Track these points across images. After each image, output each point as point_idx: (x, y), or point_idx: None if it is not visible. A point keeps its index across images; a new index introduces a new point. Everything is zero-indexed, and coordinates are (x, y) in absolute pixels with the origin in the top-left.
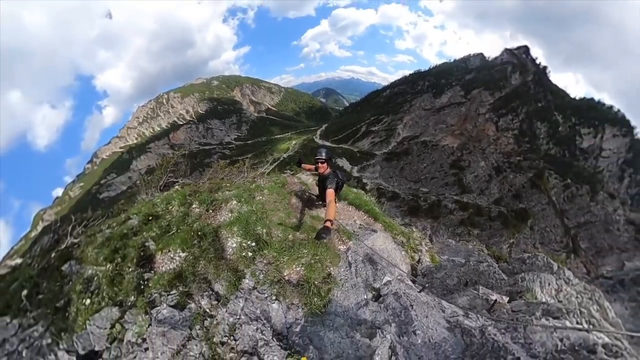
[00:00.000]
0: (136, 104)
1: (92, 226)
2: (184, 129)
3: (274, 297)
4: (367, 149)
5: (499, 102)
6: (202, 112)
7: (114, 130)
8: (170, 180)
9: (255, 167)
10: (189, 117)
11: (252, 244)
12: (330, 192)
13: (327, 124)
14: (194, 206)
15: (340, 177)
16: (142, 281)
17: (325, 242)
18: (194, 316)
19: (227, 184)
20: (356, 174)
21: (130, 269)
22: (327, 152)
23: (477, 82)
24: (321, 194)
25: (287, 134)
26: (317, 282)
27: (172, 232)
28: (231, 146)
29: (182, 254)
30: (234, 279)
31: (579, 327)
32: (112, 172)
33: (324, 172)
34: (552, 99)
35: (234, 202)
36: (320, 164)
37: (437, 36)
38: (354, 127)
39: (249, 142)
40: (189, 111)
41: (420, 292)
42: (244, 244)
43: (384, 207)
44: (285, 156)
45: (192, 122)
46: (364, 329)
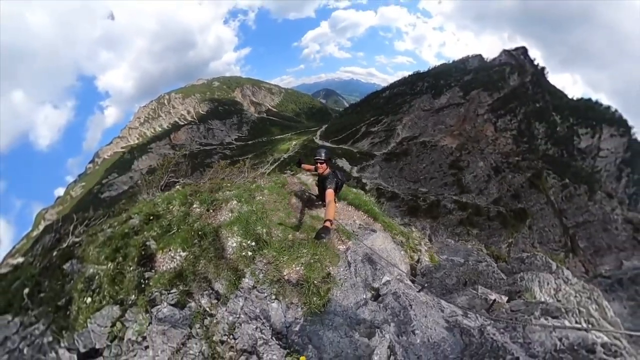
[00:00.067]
0: (138, 104)
1: (93, 225)
2: (185, 130)
3: (274, 297)
4: (366, 150)
5: (498, 102)
6: (203, 112)
7: (115, 130)
8: (171, 180)
9: (255, 167)
10: (190, 117)
11: (252, 243)
12: (329, 192)
13: (327, 125)
14: (194, 206)
15: (339, 178)
16: (142, 280)
17: (324, 241)
18: (194, 315)
19: (228, 184)
20: (356, 174)
21: (131, 268)
22: (326, 153)
23: (476, 83)
24: (321, 194)
25: (287, 135)
26: (316, 282)
27: (173, 231)
28: (232, 146)
29: (183, 253)
30: (234, 278)
31: (578, 326)
32: (113, 171)
33: (323, 172)
34: (550, 99)
35: (235, 202)
36: (319, 164)
37: (436, 37)
38: (354, 128)
39: (250, 142)
40: (190, 112)
41: (419, 291)
42: (244, 244)
43: (384, 207)
44: (285, 156)
45: (193, 123)
46: (363, 328)
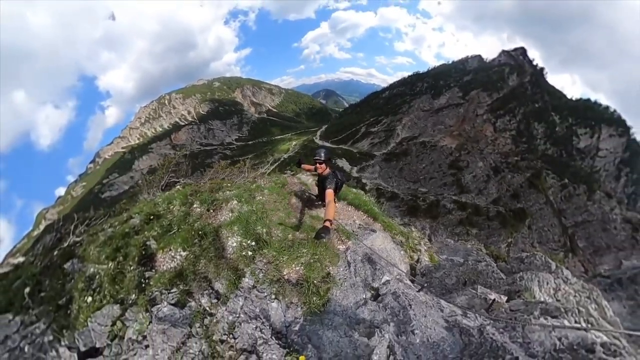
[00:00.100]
0: (138, 104)
1: (94, 225)
2: (186, 130)
3: (274, 296)
4: (366, 150)
5: (497, 103)
6: (203, 113)
7: (116, 130)
8: (171, 180)
9: (255, 167)
10: (190, 117)
11: (252, 243)
12: (329, 192)
13: (327, 125)
14: (195, 206)
15: (339, 178)
16: (143, 279)
17: (324, 241)
18: (194, 314)
19: (228, 184)
20: (356, 175)
21: (131, 268)
22: (325, 153)
23: (475, 84)
24: (321, 194)
25: (287, 135)
26: (316, 282)
27: (173, 231)
28: (232, 147)
29: (183, 253)
30: (234, 277)
31: (578, 326)
32: (114, 171)
33: (323, 172)
34: (549, 99)
35: (235, 202)
36: (319, 164)
37: (435, 38)
38: (354, 128)
39: (250, 142)
40: (190, 112)
41: (418, 291)
42: (244, 243)
43: (383, 207)
44: (285, 157)
45: (193, 123)
46: (363, 328)
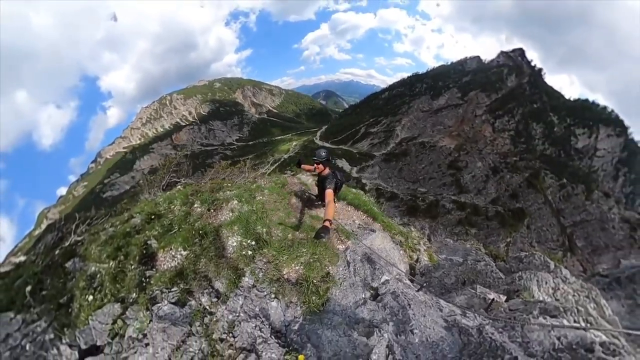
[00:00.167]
0: (140, 105)
1: (95, 224)
2: (187, 130)
3: (273, 295)
4: (366, 150)
5: (496, 103)
6: (204, 113)
7: (117, 130)
8: (172, 180)
9: (256, 167)
10: (191, 118)
11: (252, 242)
12: (329, 192)
13: (327, 126)
14: (195, 205)
15: (339, 178)
16: (143, 278)
17: (324, 241)
18: (194, 313)
19: (229, 184)
20: (355, 175)
21: (132, 267)
22: (325, 153)
23: (474, 84)
24: (320, 194)
25: (287, 135)
26: (315, 281)
27: (174, 230)
28: (233, 147)
29: (184, 252)
30: (234, 277)
31: (576, 325)
32: (115, 171)
33: (322, 172)
34: (548, 100)
35: (235, 201)
36: (318, 164)
37: (434, 39)
38: (354, 129)
39: (250, 143)
40: (191, 112)
41: (418, 291)
42: (244, 243)
43: (383, 207)
44: (285, 157)
45: (194, 123)
46: (362, 327)
